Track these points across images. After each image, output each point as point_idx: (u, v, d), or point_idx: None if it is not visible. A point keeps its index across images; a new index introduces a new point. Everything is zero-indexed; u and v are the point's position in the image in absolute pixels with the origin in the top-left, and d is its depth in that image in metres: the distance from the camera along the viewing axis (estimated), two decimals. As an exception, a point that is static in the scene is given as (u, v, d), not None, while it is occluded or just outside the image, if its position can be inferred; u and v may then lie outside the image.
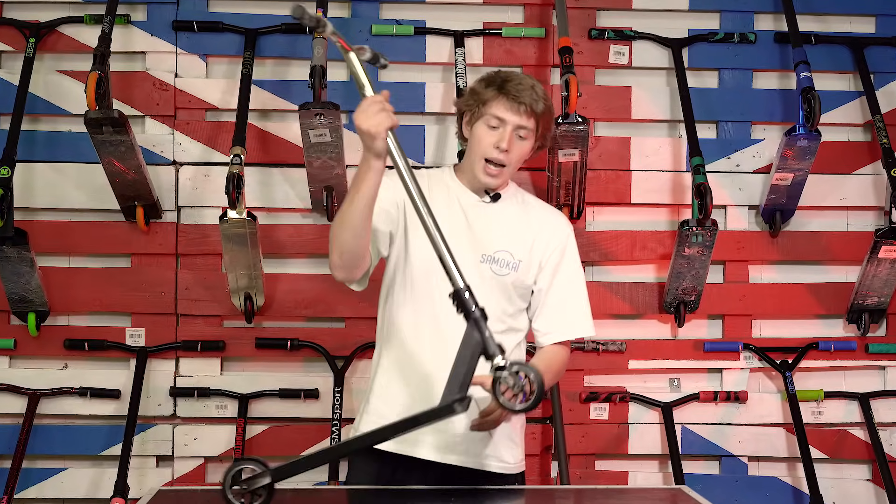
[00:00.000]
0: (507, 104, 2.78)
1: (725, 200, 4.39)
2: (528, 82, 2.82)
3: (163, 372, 4.28)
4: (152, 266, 4.28)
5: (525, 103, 2.77)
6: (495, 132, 2.80)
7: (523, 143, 2.82)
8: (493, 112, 2.79)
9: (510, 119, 2.78)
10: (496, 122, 2.79)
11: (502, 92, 2.79)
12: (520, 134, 2.80)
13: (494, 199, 2.91)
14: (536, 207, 2.99)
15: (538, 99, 2.80)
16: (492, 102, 2.79)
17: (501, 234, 2.87)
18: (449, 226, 2.70)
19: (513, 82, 2.80)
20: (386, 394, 2.90)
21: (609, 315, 4.39)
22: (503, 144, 2.78)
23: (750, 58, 4.43)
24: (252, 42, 4.24)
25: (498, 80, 2.82)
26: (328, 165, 4.05)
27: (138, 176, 4.05)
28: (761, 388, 4.43)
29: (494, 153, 2.79)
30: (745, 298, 4.41)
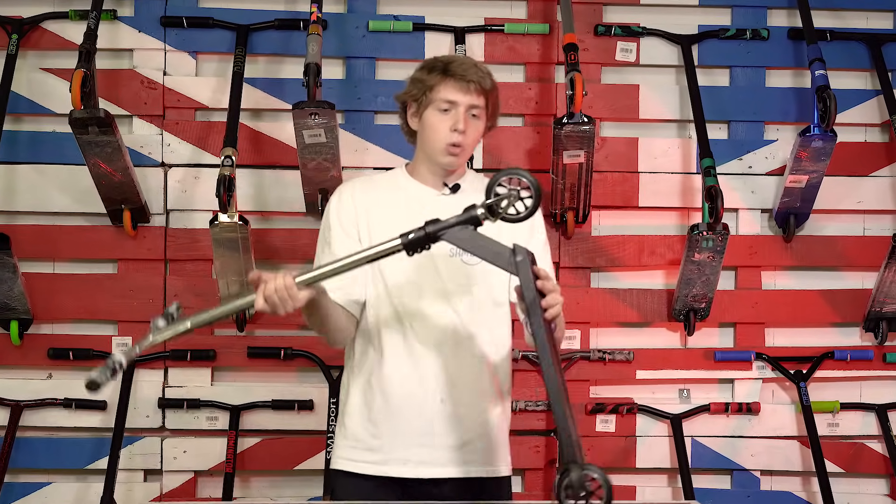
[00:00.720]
0: (456, 85, 2.79)
1: (737, 204, 4.38)
2: (471, 61, 2.85)
3: (151, 382, 4.27)
4: (140, 272, 4.27)
5: (474, 81, 2.79)
6: (448, 116, 2.82)
7: (477, 122, 2.84)
8: (443, 96, 2.80)
9: (461, 100, 2.80)
10: (447, 105, 2.81)
11: (448, 74, 2.80)
12: (473, 113, 2.82)
13: (454, 191, 2.92)
14: None
15: (485, 76, 2.82)
16: (439, 87, 2.81)
17: None
18: (412, 224, 2.70)
19: (455, 63, 2.82)
20: (359, 412, 2.91)
21: (616, 323, 4.39)
22: (459, 125, 2.79)
23: (763, 55, 4.43)
24: (244, 38, 4.23)
25: (439, 64, 2.84)
26: (323, 167, 4.03)
27: (125, 178, 4.04)
28: (774, 399, 4.43)
29: (454, 136, 2.81)
30: (758, 306, 4.40)
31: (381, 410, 2.87)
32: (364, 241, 2.86)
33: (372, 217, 2.88)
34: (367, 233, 2.87)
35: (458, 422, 2.86)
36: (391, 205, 2.89)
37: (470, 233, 2.46)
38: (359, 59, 4.34)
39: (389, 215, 2.87)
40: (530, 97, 4.38)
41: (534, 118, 4.38)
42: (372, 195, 2.91)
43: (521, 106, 4.37)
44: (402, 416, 2.85)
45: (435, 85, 2.81)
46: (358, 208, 2.90)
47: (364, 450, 2.89)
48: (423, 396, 2.85)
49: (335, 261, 2.51)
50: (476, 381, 2.89)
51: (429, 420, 2.85)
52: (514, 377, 3.97)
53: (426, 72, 2.84)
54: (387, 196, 2.91)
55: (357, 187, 2.96)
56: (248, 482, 4.30)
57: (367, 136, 4.29)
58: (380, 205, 2.90)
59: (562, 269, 4.33)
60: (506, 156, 4.34)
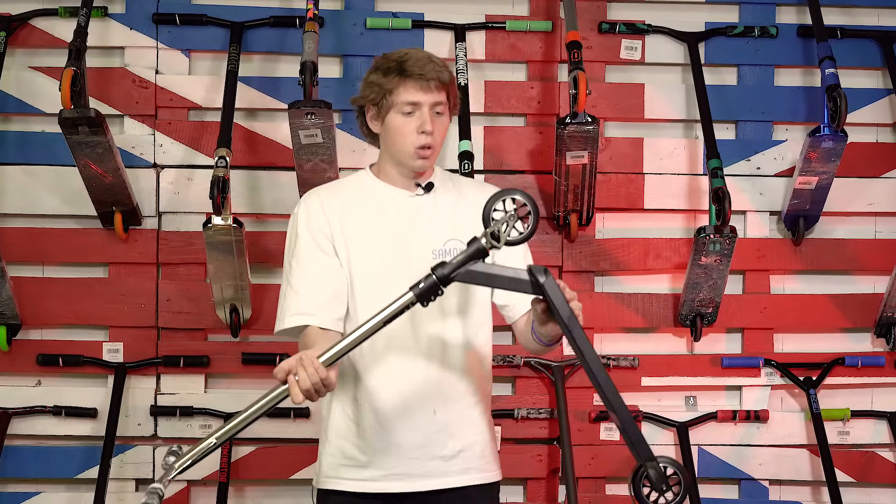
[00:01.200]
0: (416, 85, 2.77)
1: (745, 206, 4.38)
2: (425, 55, 2.82)
3: (143, 389, 4.26)
4: (131, 276, 4.27)
5: (433, 78, 2.77)
6: (412, 118, 2.80)
7: (442, 118, 2.83)
8: (404, 98, 2.78)
9: (424, 99, 2.78)
10: (410, 107, 2.79)
11: (406, 75, 2.77)
12: (437, 111, 2.81)
13: (427, 190, 2.91)
14: (468, 187, 3.00)
15: (441, 69, 2.81)
16: (398, 89, 2.78)
17: (445, 223, 2.87)
18: (389, 229, 2.81)
19: (410, 61, 2.79)
20: (346, 429, 2.90)
21: (620, 328, 4.39)
22: (427, 127, 2.78)
23: (771, 53, 4.43)
24: (238, 36, 4.22)
25: (394, 64, 2.81)
26: (320, 168, 4.02)
27: (116, 179, 4.03)
28: (783, 406, 4.42)
29: (422, 139, 2.79)
30: (766, 311, 4.40)
31: (372, 426, 2.85)
32: (340, 252, 2.83)
33: (346, 225, 2.85)
34: (343, 242, 2.84)
35: (452, 432, 2.86)
36: (364, 210, 2.86)
37: (481, 266, 2.48)
38: (356, 57, 4.32)
39: (365, 221, 2.85)
40: (532, 96, 4.38)
41: (536, 118, 4.38)
42: (341, 202, 2.88)
43: (524, 105, 4.37)
44: (394, 430, 2.84)
45: (394, 88, 2.78)
46: (330, 217, 2.86)
47: (354, 466, 2.87)
48: (416, 409, 2.83)
49: (354, 331, 2.49)
50: (466, 388, 2.88)
51: (423, 433, 2.84)
52: (515, 384, 4.34)
53: (382, 74, 2.81)
54: (358, 202, 2.88)
55: (324, 195, 2.92)
56: (243, 492, 4.29)
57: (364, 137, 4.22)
58: (352, 211, 2.87)
59: (565, 273, 4.34)
60: (507, 157, 4.35)
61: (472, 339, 2.90)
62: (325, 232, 2.85)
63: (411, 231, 2.85)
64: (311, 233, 2.85)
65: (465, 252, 2.47)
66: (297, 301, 2.82)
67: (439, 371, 2.84)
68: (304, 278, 2.83)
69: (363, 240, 2.83)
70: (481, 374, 2.93)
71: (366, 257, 2.82)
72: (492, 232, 2.45)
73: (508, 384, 4.35)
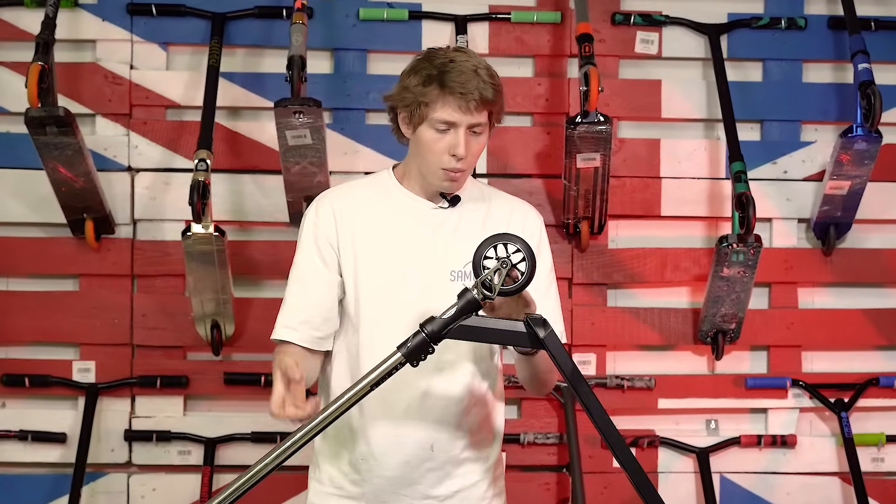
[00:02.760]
0: (455, 103, 2.67)
1: (771, 212, 4.39)
2: (469, 65, 2.70)
3: (116, 412, 4.27)
4: (104, 289, 4.27)
5: (475, 98, 2.67)
6: (445, 137, 2.72)
7: (479, 138, 2.75)
8: (440, 116, 2.70)
9: (461, 120, 2.69)
10: (444, 125, 2.72)
11: (445, 89, 2.68)
12: (474, 130, 2.72)
13: (453, 203, 2.84)
14: (498, 200, 2.93)
15: (486, 85, 2.69)
16: (436, 104, 2.70)
17: (469, 242, 2.75)
18: (405, 244, 2.75)
19: (454, 73, 2.68)
20: (338, 456, 2.87)
21: (635, 346, 4.39)
22: (459, 151, 2.70)
23: (799, 47, 4.44)
24: (220, 28, 4.23)
25: (434, 72, 2.71)
26: (308, 172, 4.01)
27: (87, 184, 4.04)
28: (812, 431, 4.43)
29: (452, 163, 2.73)
30: (794, 327, 4.41)
31: (364, 456, 2.81)
32: (347, 264, 2.79)
33: (357, 235, 2.79)
34: (352, 254, 2.79)
35: (448, 471, 2.82)
36: (380, 219, 2.80)
37: (474, 321, 2.45)
38: (348, 51, 4.33)
39: (379, 233, 2.79)
40: (540, 94, 4.38)
41: (544, 117, 4.38)
42: (356, 208, 2.82)
43: (530, 104, 4.37)
44: (387, 464, 2.79)
45: (431, 102, 2.69)
46: (340, 225, 2.80)
47: (344, 497, 2.84)
48: (411, 444, 2.79)
49: (340, 398, 2.45)
50: (472, 423, 2.83)
51: (418, 470, 2.80)
52: (521, 407, 4.35)
53: (420, 82, 2.72)
54: (375, 208, 2.83)
55: (338, 197, 2.86)
56: (226, 523, 4.24)
57: (357, 138, 4.28)
58: (367, 219, 2.81)
59: (575, 286, 4.34)
60: (512, 159, 4.35)
61: (475, 365, 2.84)
62: (331, 241, 2.80)
63: (429, 249, 2.80)
64: (316, 240, 2.80)
65: (457, 305, 2.43)
66: (286, 312, 2.81)
67: (439, 401, 2.79)
68: (298, 289, 2.81)
69: (374, 253, 2.78)
70: (488, 406, 2.88)
71: (375, 274, 2.77)
72: (483, 282, 2.41)
73: (514, 406, 4.33)
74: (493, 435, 2.88)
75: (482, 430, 2.85)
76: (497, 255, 2.43)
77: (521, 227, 2.83)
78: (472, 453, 2.83)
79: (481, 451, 2.85)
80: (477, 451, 2.84)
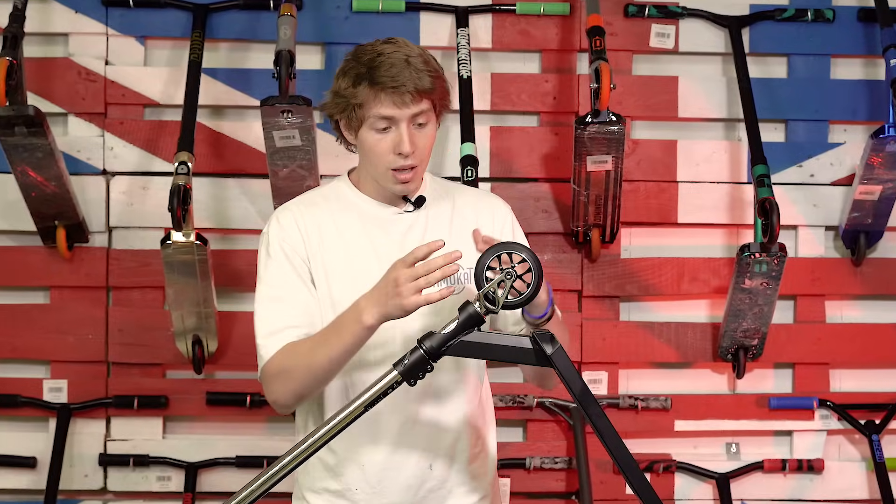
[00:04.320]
0: (389, 98, 2.66)
1: (796, 220, 4.39)
2: (400, 56, 2.69)
3: (90, 435, 4.26)
4: (77, 302, 4.27)
5: (409, 90, 2.66)
6: (387, 135, 2.70)
7: (425, 129, 2.74)
8: (375, 113, 2.68)
9: (399, 115, 2.68)
10: (384, 122, 2.71)
11: (376, 86, 2.66)
12: (417, 122, 2.72)
13: (418, 205, 2.84)
14: (462, 195, 2.95)
15: (421, 73, 2.68)
16: (369, 104, 2.68)
17: None
18: (375, 255, 2.74)
19: (383, 67, 2.66)
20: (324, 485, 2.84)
21: (650, 363, 4.39)
22: (404, 148, 2.69)
23: (827, 40, 4.43)
24: (202, 21, 4.22)
25: (363, 69, 2.69)
26: (298, 175, 3.99)
27: (59, 189, 4.03)
28: (841, 455, 4.42)
29: (399, 161, 2.71)
30: (821, 342, 4.40)
31: (359, 483, 2.78)
32: (319, 281, 2.76)
33: (325, 246, 2.77)
34: (322, 271, 2.76)
35: (451, 489, 2.83)
36: (346, 231, 2.78)
37: (476, 336, 2.43)
38: (340, 45, 4.30)
39: (346, 243, 2.77)
40: (547, 91, 4.36)
41: (551, 116, 4.37)
42: (319, 221, 2.79)
43: (537, 102, 4.36)
44: (386, 491, 2.79)
45: (365, 102, 2.68)
46: (307, 237, 2.77)
47: None
48: (410, 465, 2.78)
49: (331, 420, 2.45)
50: (468, 437, 2.83)
51: (419, 492, 2.79)
52: (527, 429, 4.36)
53: (350, 82, 2.71)
54: (337, 218, 2.81)
55: (299, 210, 2.83)
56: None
57: None
58: (331, 230, 2.79)
59: (585, 299, 4.34)
60: (517, 162, 4.33)
61: (470, 378, 2.84)
62: (301, 255, 2.77)
63: (399, 256, 2.73)
64: (286, 255, 2.76)
65: (457, 320, 2.42)
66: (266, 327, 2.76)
67: (435, 417, 2.77)
68: (276, 307, 2.76)
69: (346, 268, 2.74)
70: (484, 418, 2.89)
71: (349, 289, 2.70)
72: (486, 294, 2.41)
73: (519, 429, 4.34)
74: (491, 448, 2.89)
75: (479, 444, 2.86)
76: (501, 265, 2.42)
77: (490, 221, 2.86)
78: (473, 469, 2.84)
79: (480, 467, 2.86)
80: (476, 466, 2.85)
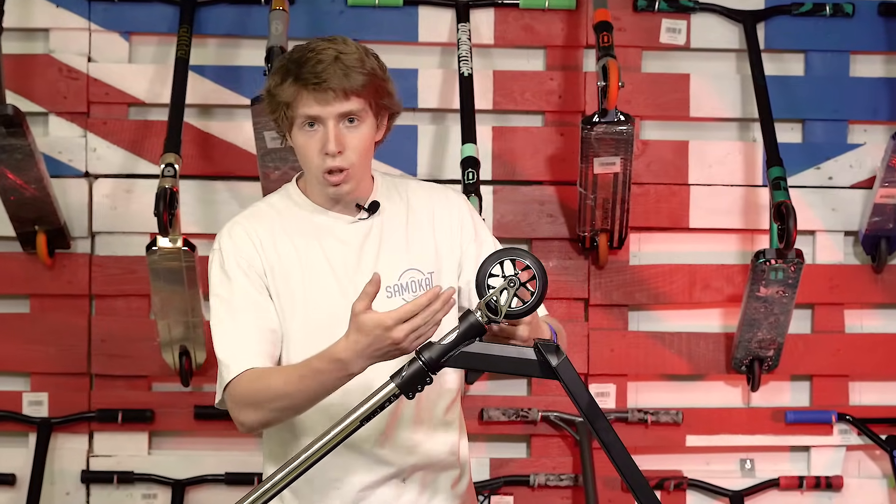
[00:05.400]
0: (313, 96, 2.66)
1: (814, 224, 4.38)
2: (330, 52, 2.67)
3: (72, 451, 4.26)
4: (58, 311, 4.27)
5: (333, 88, 2.64)
6: (315, 135, 2.69)
7: (358, 128, 2.70)
8: (301, 112, 2.68)
9: (323, 113, 2.67)
10: (309, 121, 2.69)
11: (299, 82, 2.65)
12: (347, 120, 2.69)
13: (372, 211, 2.81)
14: (415, 193, 2.92)
15: (349, 70, 2.65)
16: (296, 102, 2.67)
17: (398, 251, 2.80)
18: (332, 269, 2.72)
19: (310, 63, 2.65)
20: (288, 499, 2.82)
21: (660, 376, 4.38)
22: (329, 147, 2.66)
23: (846, 36, 4.42)
24: (189, 15, 4.22)
25: (292, 66, 2.68)
26: (290, 178, 3.81)
27: (39, 192, 4.04)
28: (861, 471, 4.41)
29: (327, 161, 2.69)
30: (841, 353, 4.39)
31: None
32: (278, 295, 2.72)
33: (281, 260, 2.73)
34: (281, 280, 2.72)
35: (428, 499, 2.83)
36: (300, 245, 2.74)
37: (478, 347, 2.41)
38: None
39: (300, 257, 2.73)
40: (552, 89, 4.35)
41: (556, 116, 4.36)
42: (272, 234, 2.75)
43: (541, 101, 4.35)
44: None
45: (291, 100, 2.67)
46: (262, 250, 2.74)
47: None
48: (384, 481, 2.76)
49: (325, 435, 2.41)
50: (442, 451, 2.82)
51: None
52: (531, 444, 4.35)
53: (279, 80, 2.70)
54: (291, 233, 2.77)
55: (250, 223, 2.79)
56: None
57: None
58: (286, 246, 2.75)
59: (592, 308, 4.33)
60: (521, 164, 4.32)
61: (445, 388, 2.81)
62: (257, 270, 2.73)
63: (358, 268, 2.75)
64: (243, 271, 2.71)
65: (458, 330, 2.39)
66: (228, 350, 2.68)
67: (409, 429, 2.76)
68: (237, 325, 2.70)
69: (302, 284, 2.71)
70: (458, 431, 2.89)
71: (307, 305, 2.71)
72: (487, 303, 2.39)
73: (522, 444, 4.33)
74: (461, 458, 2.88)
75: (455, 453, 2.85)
76: (503, 272, 2.40)
77: (447, 217, 2.85)
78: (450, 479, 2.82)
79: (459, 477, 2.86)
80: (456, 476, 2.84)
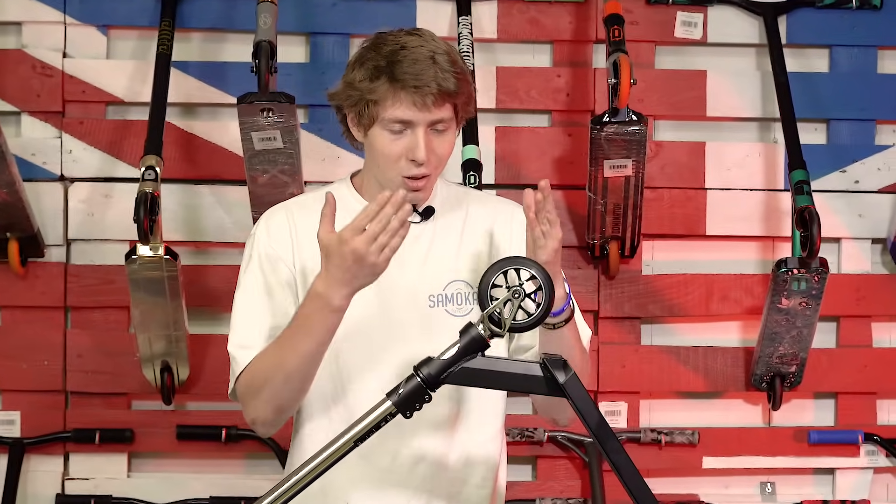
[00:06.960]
0: (409, 99, 2.61)
1: (840, 231, 4.37)
2: (425, 51, 2.63)
3: (46, 473, 4.26)
4: (31, 324, 4.27)
5: (432, 92, 2.60)
6: (402, 139, 2.65)
7: (444, 137, 2.68)
8: (392, 115, 2.62)
9: (418, 119, 2.62)
10: (399, 125, 2.65)
11: (396, 83, 2.60)
12: (437, 129, 2.66)
13: (426, 216, 2.79)
14: (477, 204, 2.89)
15: (446, 74, 2.62)
16: (385, 102, 2.62)
17: (447, 260, 2.78)
18: None
19: (405, 62, 2.60)
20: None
21: (675, 393, 4.38)
22: (419, 155, 2.63)
23: (873, 30, 4.41)
24: (171, 8, 4.21)
25: (383, 62, 2.62)
26: (279, 182, 3.97)
27: (11, 197, 4.04)
28: (889, 495, 4.40)
29: (412, 169, 2.66)
30: (868, 369, 4.37)
31: None
32: (303, 289, 2.70)
33: (318, 259, 2.68)
34: (306, 281, 2.68)
35: None
36: None
37: (480, 362, 2.36)
38: (327, 35, 4.33)
39: None
40: (559, 87, 4.34)
41: (564, 115, 4.35)
42: (314, 223, 2.69)
43: (548, 99, 4.35)
44: None
45: (380, 99, 2.60)
46: (297, 243, 2.73)
47: None
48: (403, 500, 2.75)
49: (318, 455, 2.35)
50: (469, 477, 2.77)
51: None
52: (537, 467, 4.34)
53: (367, 76, 2.64)
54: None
55: (292, 212, 2.79)
56: None
57: (338, 140, 4.10)
58: None
59: (602, 320, 4.32)
60: (526, 167, 4.31)
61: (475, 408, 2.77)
62: (287, 262, 2.73)
63: (402, 273, 2.70)
64: (271, 261, 2.73)
65: (458, 344, 2.34)
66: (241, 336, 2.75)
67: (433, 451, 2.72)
68: (253, 317, 2.74)
69: None
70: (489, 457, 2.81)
71: None
72: (490, 315, 2.34)
73: (528, 466, 4.32)
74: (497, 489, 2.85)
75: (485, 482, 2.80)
76: (508, 282, 2.36)
77: (508, 231, 2.81)
78: None
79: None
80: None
